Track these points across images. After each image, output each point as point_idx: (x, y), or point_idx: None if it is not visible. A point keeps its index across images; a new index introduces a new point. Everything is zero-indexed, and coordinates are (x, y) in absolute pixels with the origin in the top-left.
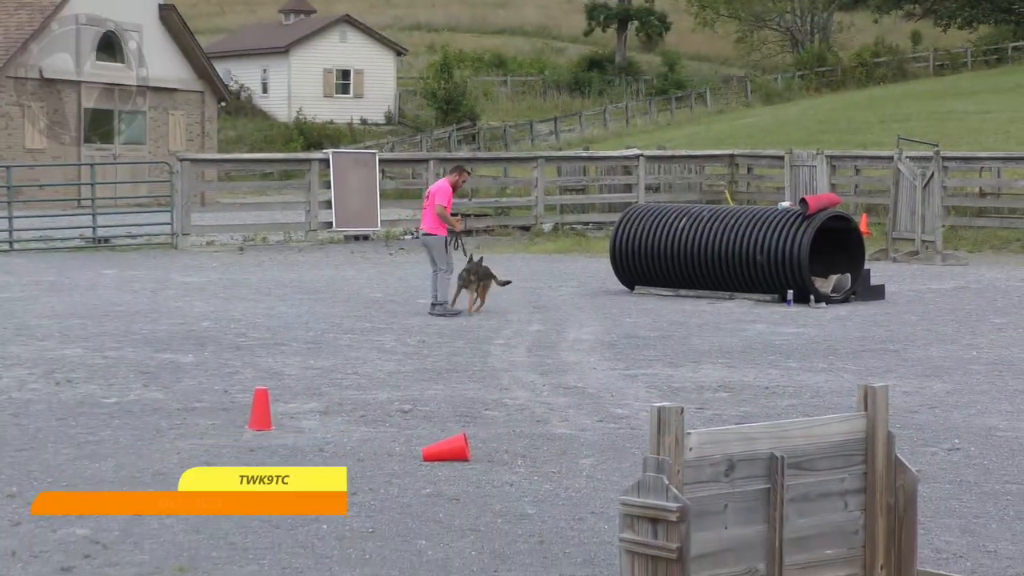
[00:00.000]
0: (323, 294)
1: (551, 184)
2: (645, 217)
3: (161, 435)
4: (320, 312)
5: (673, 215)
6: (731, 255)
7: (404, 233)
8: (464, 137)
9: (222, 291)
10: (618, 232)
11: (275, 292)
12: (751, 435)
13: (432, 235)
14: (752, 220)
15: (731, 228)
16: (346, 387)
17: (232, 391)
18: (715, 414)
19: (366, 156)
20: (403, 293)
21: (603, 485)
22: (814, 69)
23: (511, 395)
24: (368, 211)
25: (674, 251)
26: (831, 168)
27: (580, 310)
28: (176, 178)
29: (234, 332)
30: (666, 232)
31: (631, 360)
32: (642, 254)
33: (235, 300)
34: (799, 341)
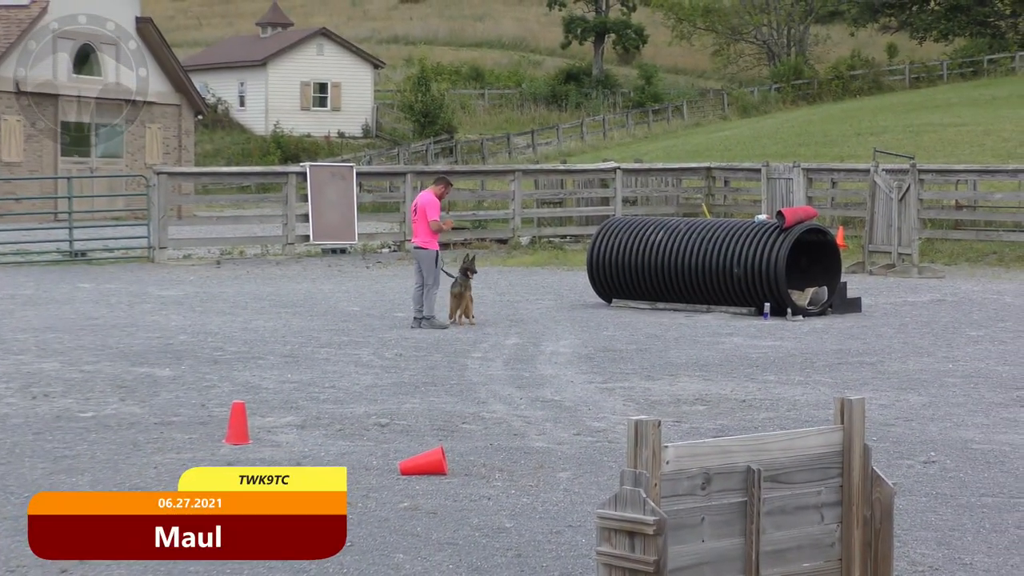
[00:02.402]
0: (300, 308)
1: (528, 197)
2: (622, 230)
3: (138, 449)
4: (297, 326)
5: (650, 228)
6: (708, 268)
7: (381, 246)
8: (442, 150)
9: (199, 305)
10: (595, 245)
11: (252, 306)
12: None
13: (423, 249)
14: (729, 233)
15: (708, 241)
16: (323, 401)
17: (209, 405)
18: (692, 427)
19: (343, 169)
20: (381, 306)
21: (580, 498)
22: (791, 82)
23: (488, 409)
24: (345, 224)
25: (651, 264)
26: (808, 181)
27: (557, 323)
28: (153, 191)
29: (211, 346)
30: (643, 245)
31: (608, 373)
32: (619, 267)
33: (212, 314)
34: (776, 354)
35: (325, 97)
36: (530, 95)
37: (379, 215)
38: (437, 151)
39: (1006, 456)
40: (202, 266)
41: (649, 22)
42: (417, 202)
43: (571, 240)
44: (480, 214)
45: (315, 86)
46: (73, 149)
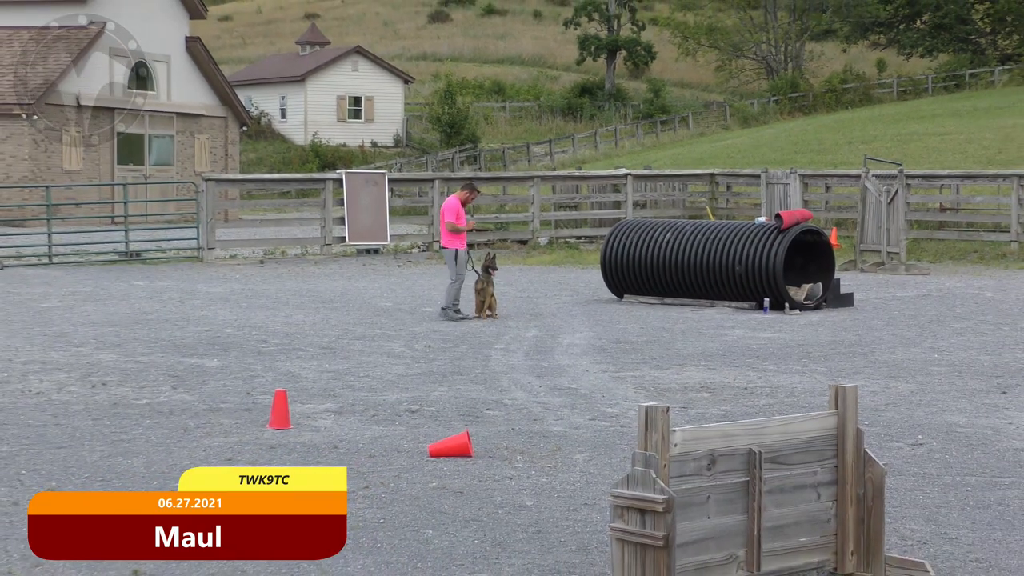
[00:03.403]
0: (337, 303)
1: (546, 201)
2: (633, 231)
3: (188, 434)
4: (334, 320)
5: (659, 229)
6: (712, 266)
7: (411, 247)
8: (466, 158)
9: (244, 301)
10: (608, 245)
11: (293, 301)
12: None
13: (445, 248)
14: (731, 234)
15: (712, 241)
16: (358, 389)
17: (254, 393)
18: (698, 413)
19: (376, 176)
20: (411, 302)
21: (595, 479)
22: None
23: (510, 396)
24: (378, 226)
25: (660, 263)
26: (804, 186)
27: (573, 317)
28: (202, 196)
29: (255, 338)
30: (652, 245)
31: (620, 363)
32: (630, 265)
33: (256, 309)
34: (775, 345)
35: (359, 110)
36: (547, 107)
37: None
38: (462, 159)
39: (988, 439)
40: (247, 265)
41: (657, 40)
42: (442, 206)
43: (586, 241)
44: (502, 217)
45: (350, 99)
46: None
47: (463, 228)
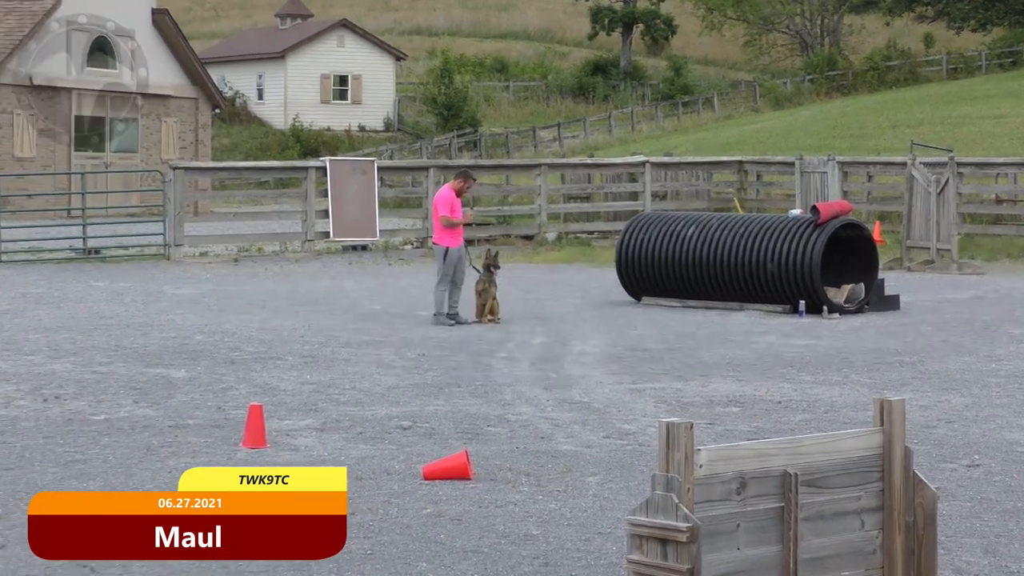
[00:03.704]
0: (320, 306)
1: (555, 192)
2: (652, 226)
3: (152, 453)
4: (317, 325)
5: (681, 223)
6: (741, 264)
7: (404, 243)
8: (465, 144)
9: (216, 303)
10: (624, 241)
11: (270, 304)
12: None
13: (436, 245)
14: (762, 228)
15: (741, 237)
16: (343, 403)
17: (226, 407)
18: (726, 430)
19: (364, 164)
20: (403, 305)
21: (610, 504)
22: (824, 73)
23: (514, 411)
24: (366, 220)
25: (682, 260)
26: (843, 174)
27: (585, 322)
28: (169, 187)
29: (228, 346)
30: (674, 241)
31: (638, 374)
32: (649, 264)
33: (229, 313)
34: (812, 353)
35: (345, 90)
36: (556, 87)
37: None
38: (461, 145)
39: None
40: (219, 264)
41: (679, 12)
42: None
43: (599, 236)
44: (505, 209)
45: (335, 79)
46: (87, 144)
47: (458, 222)
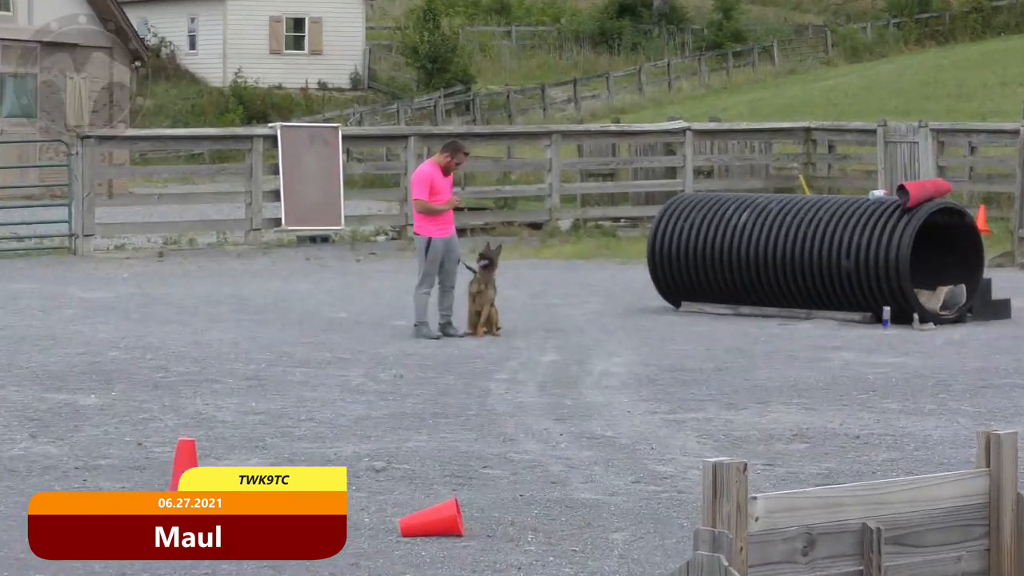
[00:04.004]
0: (268, 314)
1: (570, 168)
2: (694, 211)
3: None
4: (264, 338)
5: (731, 208)
6: (808, 260)
7: (376, 233)
8: (455, 106)
9: (136, 310)
10: (658, 231)
11: (205, 311)
12: (837, 500)
13: (418, 236)
14: (835, 215)
15: (808, 225)
16: (299, 438)
17: (148, 443)
18: (789, 472)
19: (326, 132)
20: (375, 312)
21: (640, 567)
22: (914, 16)
23: (518, 448)
24: (328, 204)
25: (732, 255)
26: (938, 145)
27: (609, 334)
28: (76, 162)
29: (151, 365)
30: (722, 231)
31: (676, 400)
32: (690, 259)
33: (153, 322)
34: (899, 374)
35: (302, 37)
36: (571, 34)
37: (373, 192)
38: (449, 107)
39: None
40: (140, 259)
41: None
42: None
43: (626, 224)
44: (506, 190)
45: (288, 23)
46: None
47: (439, 208)
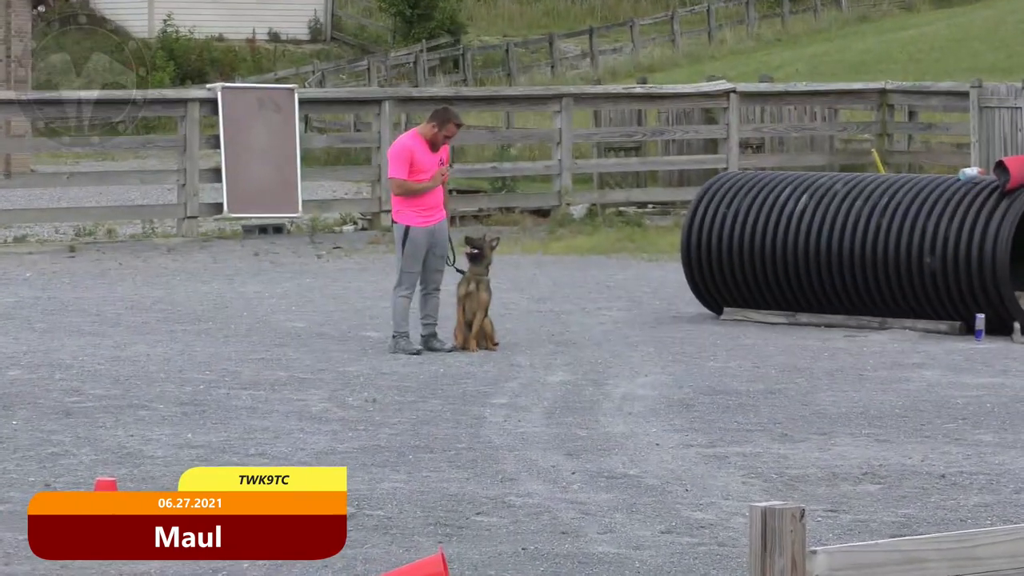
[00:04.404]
0: (208, 323)
1: (584, 140)
2: (740, 194)
3: None
4: (203, 353)
5: (786, 191)
6: (882, 256)
7: (342, 222)
8: (441, 62)
9: (41, 319)
10: (695, 219)
11: (128, 320)
12: (917, 555)
13: (396, 224)
14: (916, 199)
15: (881, 212)
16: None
17: (58, 484)
18: (857, 520)
19: (279, 95)
20: (341, 321)
21: None
22: None
23: (519, 489)
24: (282, 186)
25: (788, 250)
26: None
27: (632, 348)
28: None
29: (61, 387)
30: (774, 219)
31: (717, 431)
32: (735, 255)
33: (63, 333)
34: (995, 398)
35: None
36: None
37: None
38: (434, 64)
39: None
40: (47, 254)
41: None
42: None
43: (655, 211)
44: (504, 168)
45: None
46: None
47: (419, 187)
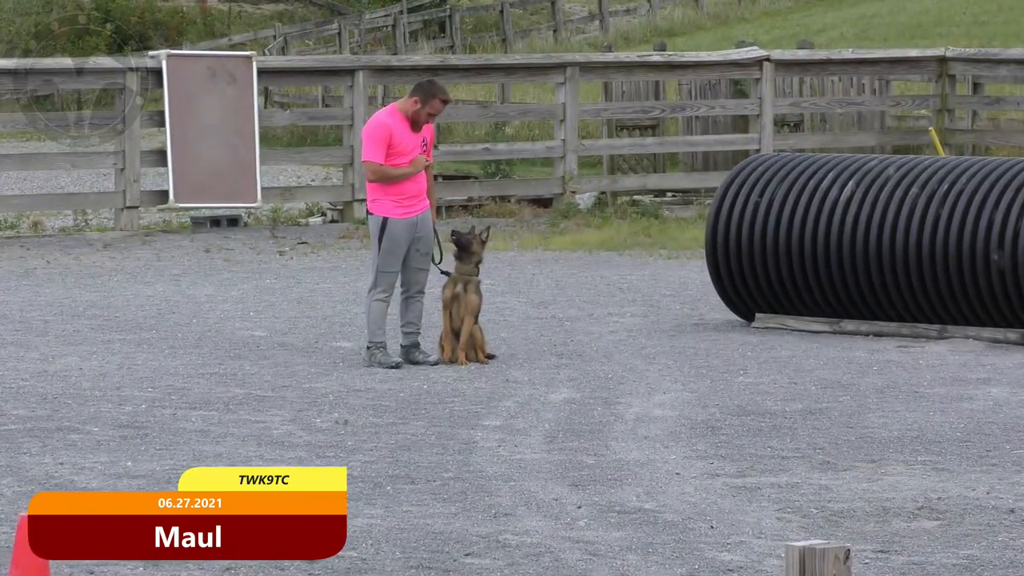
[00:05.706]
0: (151, 331)
1: (592, 116)
2: (774, 180)
3: None
4: (146, 367)
5: (828, 176)
6: (941, 253)
7: (308, 213)
8: (424, 25)
9: None
10: (723, 210)
11: (58, 329)
12: None
13: (371, 216)
14: (981, 186)
15: (940, 201)
16: None
17: None
18: (912, 562)
19: (234, 64)
20: (307, 329)
21: None
22: None
23: (516, 526)
24: (239, 171)
25: (831, 246)
26: None
27: (649, 361)
28: None
29: None
30: (815, 209)
31: (748, 457)
32: (769, 252)
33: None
34: None
35: None
36: None
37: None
38: (416, 27)
39: None
40: None
41: None
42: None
43: (675, 200)
44: (499, 149)
45: None
46: None
47: (398, 172)
